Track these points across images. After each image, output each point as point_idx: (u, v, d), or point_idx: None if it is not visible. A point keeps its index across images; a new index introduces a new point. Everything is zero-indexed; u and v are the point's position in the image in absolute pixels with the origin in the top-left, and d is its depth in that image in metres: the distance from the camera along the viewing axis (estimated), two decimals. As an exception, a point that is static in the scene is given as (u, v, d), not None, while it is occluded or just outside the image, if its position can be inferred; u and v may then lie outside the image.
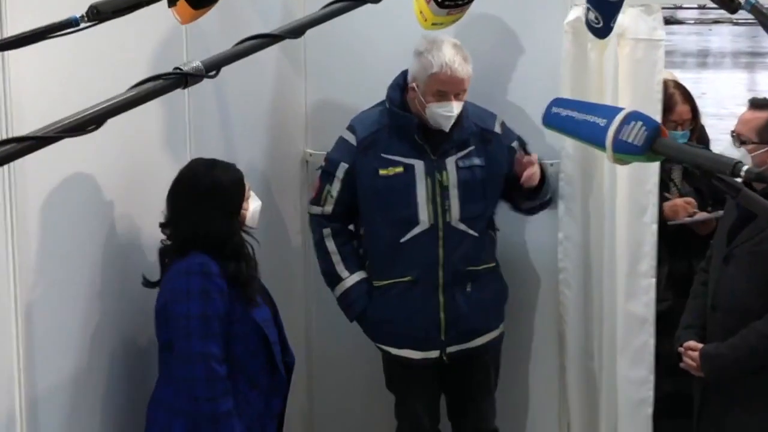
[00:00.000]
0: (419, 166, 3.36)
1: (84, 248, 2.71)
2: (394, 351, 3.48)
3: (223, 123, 3.41)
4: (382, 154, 3.37)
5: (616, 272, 3.51)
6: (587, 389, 3.67)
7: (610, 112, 1.46)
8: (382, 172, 3.36)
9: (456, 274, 3.38)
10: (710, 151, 1.34)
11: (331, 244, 3.43)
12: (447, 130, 3.34)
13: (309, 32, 4.06)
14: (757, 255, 3.05)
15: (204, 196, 2.79)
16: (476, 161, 3.40)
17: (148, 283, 2.88)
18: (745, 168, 1.30)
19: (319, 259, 3.49)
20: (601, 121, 1.46)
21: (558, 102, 1.58)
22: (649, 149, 1.39)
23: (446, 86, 3.29)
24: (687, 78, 6.39)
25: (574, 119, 1.52)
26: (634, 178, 3.48)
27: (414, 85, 3.33)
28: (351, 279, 3.43)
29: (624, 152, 1.42)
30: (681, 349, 3.17)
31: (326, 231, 3.43)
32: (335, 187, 3.41)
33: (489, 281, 3.47)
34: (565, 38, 3.53)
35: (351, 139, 3.41)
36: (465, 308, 3.39)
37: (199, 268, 2.73)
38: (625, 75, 3.49)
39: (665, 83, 3.54)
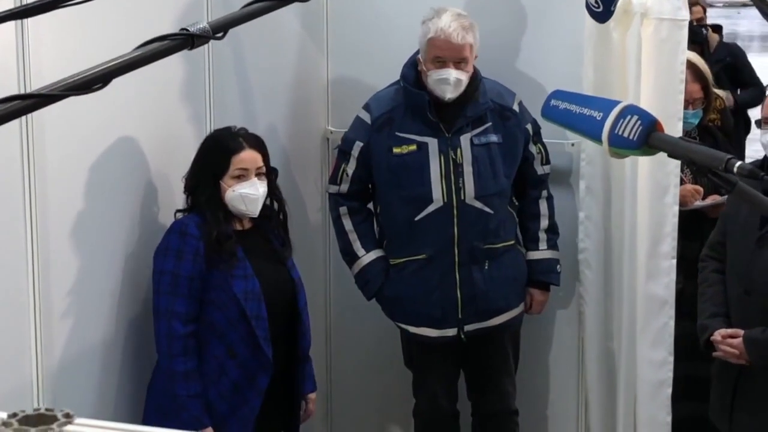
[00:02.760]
0: (433, 143, 3.35)
1: (104, 219, 2.73)
2: (412, 329, 3.48)
3: (244, 100, 3.42)
4: (396, 132, 3.36)
5: (637, 253, 3.48)
6: (606, 370, 3.66)
7: (607, 105, 1.47)
8: (395, 150, 3.35)
9: (473, 252, 3.37)
10: (703, 146, 1.33)
11: (348, 223, 3.44)
12: (446, 98, 3.32)
13: (331, 9, 4.08)
14: None
15: (198, 152, 2.92)
16: (493, 138, 3.39)
17: None
18: (738, 164, 1.31)
19: (338, 238, 3.52)
20: (598, 115, 1.46)
21: (557, 94, 1.58)
22: (644, 144, 1.40)
23: (443, 52, 3.29)
24: (715, 61, 6.39)
25: (572, 112, 1.52)
26: (656, 158, 3.44)
27: (419, 57, 3.35)
28: (367, 257, 3.43)
29: (619, 146, 1.43)
30: (716, 338, 3.08)
31: (343, 209, 3.45)
32: (351, 166, 3.42)
33: (508, 259, 3.45)
34: (588, 17, 3.50)
35: (366, 117, 3.41)
36: (482, 286, 3.38)
37: (178, 227, 2.83)
38: (648, 55, 3.44)
39: None
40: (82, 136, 2.62)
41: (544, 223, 3.55)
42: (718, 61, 5.88)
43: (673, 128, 3.43)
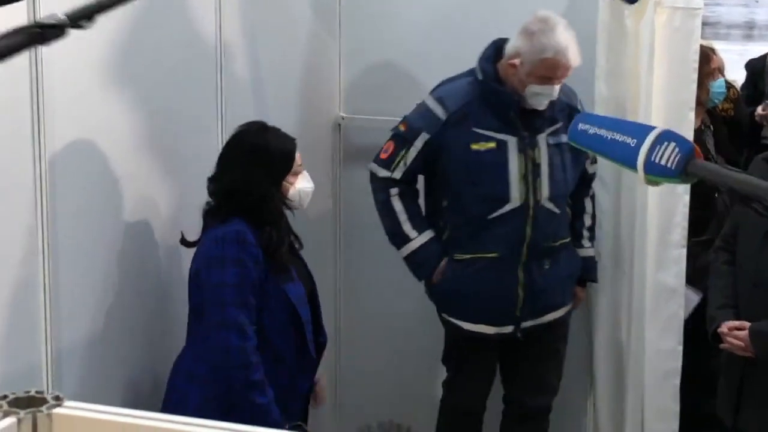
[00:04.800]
0: (512, 142, 3.26)
1: (113, 207, 2.74)
2: (467, 326, 3.39)
3: (255, 86, 3.42)
4: (474, 129, 3.25)
5: (647, 242, 3.49)
6: (615, 359, 3.66)
7: (640, 130, 1.40)
8: (474, 146, 3.25)
9: (538, 251, 3.33)
10: (745, 174, 1.29)
11: (398, 204, 3.33)
12: (539, 108, 3.26)
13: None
14: None
15: (249, 154, 2.79)
16: (563, 138, 3.29)
17: (185, 242, 2.89)
18: None
19: (385, 219, 3.39)
20: (631, 141, 1.39)
21: (585, 118, 1.51)
22: (683, 172, 1.33)
23: (555, 72, 3.19)
24: (732, 50, 6.28)
25: (603, 138, 1.44)
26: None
27: (517, 61, 3.21)
28: (420, 239, 3.33)
29: (656, 174, 1.36)
30: (723, 330, 3.08)
31: (394, 191, 3.33)
32: (411, 155, 3.30)
33: (565, 257, 3.41)
34: (601, 5, 3.50)
35: (439, 111, 3.28)
36: (542, 284, 3.34)
37: (235, 236, 2.72)
38: (661, 43, 3.44)
39: None
40: (93, 124, 2.62)
41: (588, 221, 3.52)
42: None
43: (685, 117, 3.42)
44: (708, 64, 3.50)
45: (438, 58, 3.75)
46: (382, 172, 3.35)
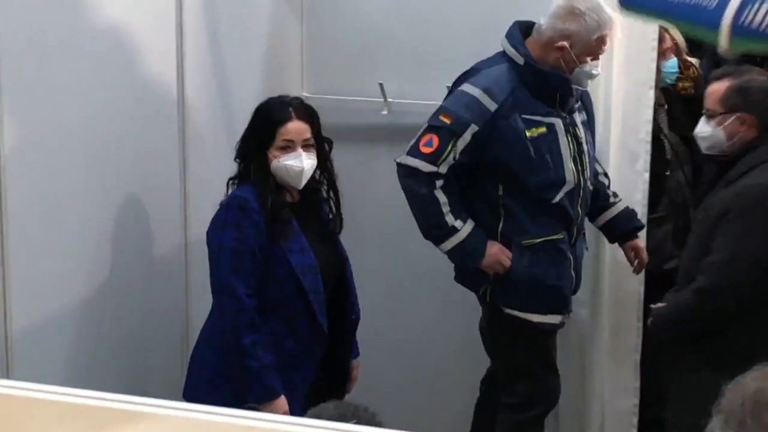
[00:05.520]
0: (558, 124, 3.23)
1: (76, 188, 2.73)
2: (536, 318, 3.29)
3: (216, 67, 3.41)
4: (523, 115, 3.19)
5: (608, 219, 3.52)
6: (577, 336, 3.70)
7: None
8: (528, 133, 3.19)
9: (580, 231, 3.34)
10: None
11: (442, 196, 3.19)
12: (586, 88, 3.28)
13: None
14: (699, 221, 3.07)
15: (251, 120, 2.94)
16: (584, 116, 3.34)
17: None
18: None
19: (424, 214, 3.24)
20: (709, 3, 1.28)
21: None
22: None
23: (606, 47, 3.21)
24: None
25: (668, 1, 1.32)
26: (627, 126, 3.48)
27: (566, 43, 3.15)
28: (466, 227, 3.22)
29: (747, 38, 1.24)
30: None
31: (439, 182, 3.18)
32: (459, 148, 3.17)
33: (583, 235, 3.42)
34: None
35: (488, 102, 3.17)
36: (579, 266, 3.36)
37: (237, 201, 2.81)
38: (621, 22, 3.45)
39: None
40: (56, 102, 2.62)
41: (606, 180, 3.50)
42: None
43: (645, 95, 3.46)
44: (661, 43, 3.53)
45: (401, 38, 3.76)
46: (428, 167, 3.18)
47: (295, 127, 2.88)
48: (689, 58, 3.86)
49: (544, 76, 3.20)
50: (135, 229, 3.02)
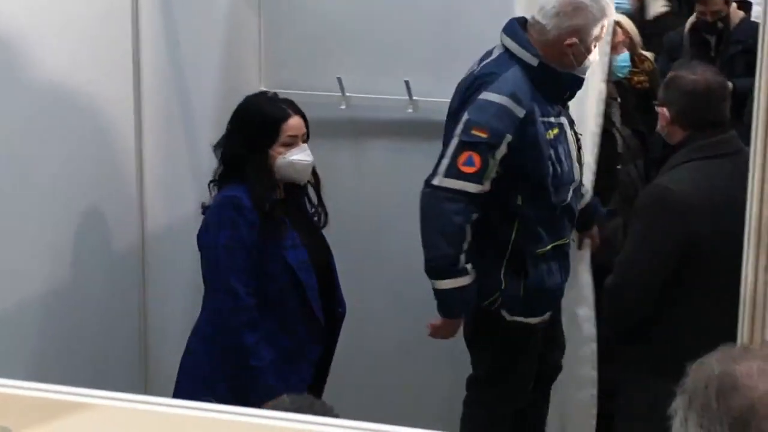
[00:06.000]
0: (564, 123, 3.17)
1: (36, 181, 2.72)
2: (533, 321, 3.21)
3: (173, 61, 3.40)
4: (541, 118, 3.09)
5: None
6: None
7: None
8: (547, 136, 3.09)
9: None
10: None
11: (469, 233, 3.03)
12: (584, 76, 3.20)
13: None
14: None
15: (235, 120, 2.89)
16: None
17: (205, 211, 2.95)
18: None
19: (442, 244, 3.04)
20: None
21: None
22: None
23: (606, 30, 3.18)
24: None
25: None
26: (577, 118, 3.52)
27: (574, 39, 3.06)
28: (471, 276, 3.08)
29: None
30: None
31: (474, 216, 3.02)
32: (497, 161, 3.02)
33: None
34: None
35: (516, 109, 3.03)
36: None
37: (230, 200, 2.79)
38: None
39: None
40: (10, 94, 2.60)
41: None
42: (738, 41, 5.08)
43: (596, 88, 3.48)
44: (613, 37, 3.56)
45: (360, 32, 3.76)
46: (475, 188, 3.00)
47: (296, 122, 2.89)
48: (644, 53, 3.91)
49: (558, 77, 3.11)
50: (92, 226, 3.01)
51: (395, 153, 3.69)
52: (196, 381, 2.84)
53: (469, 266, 3.05)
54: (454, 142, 3.02)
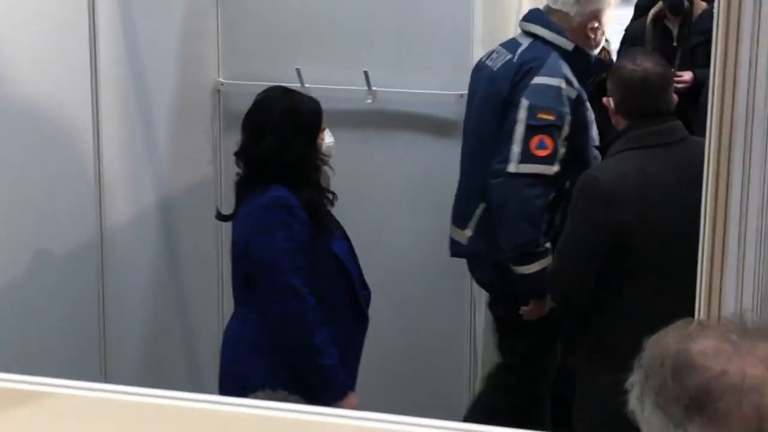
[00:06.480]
0: (588, 104, 3.26)
1: None
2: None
3: (130, 51, 3.36)
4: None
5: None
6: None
7: None
8: (589, 118, 3.23)
9: None
10: None
11: (546, 214, 3.11)
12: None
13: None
14: None
15: (283, 118, 2.79)
16: None
17: (221, 217, 2.89)
18: None
19: (527, 228, 3.10)
20: None
21: None
22: None
23: None
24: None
25: None
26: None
27: (596, 23, 3.21)
28: (550, 255, 3.11)
29: None
30: None
31: (551, 197, 3.11)
32: (564, 141, 3.11)
33: None
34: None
35: (569, 91, 3.15)
36: None
37: (279, 201, 2.73)
38: (529, 5, 3.52)
39: None
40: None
41: None
42: (701, 32, 5.01)
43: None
44: None
45: (319, 23, 3.75)
46: (551, 169, 3.09)
47: None
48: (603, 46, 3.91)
49: (588, 60, 3.22)
50: (50, 225, 2.98)
51: (355, 143, 3.67)
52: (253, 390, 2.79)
53: (548, 245, 3.10)
54: (520, 128, 3.08)
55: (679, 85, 4.04)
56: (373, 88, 3.66)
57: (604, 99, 2.97)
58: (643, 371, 1.24)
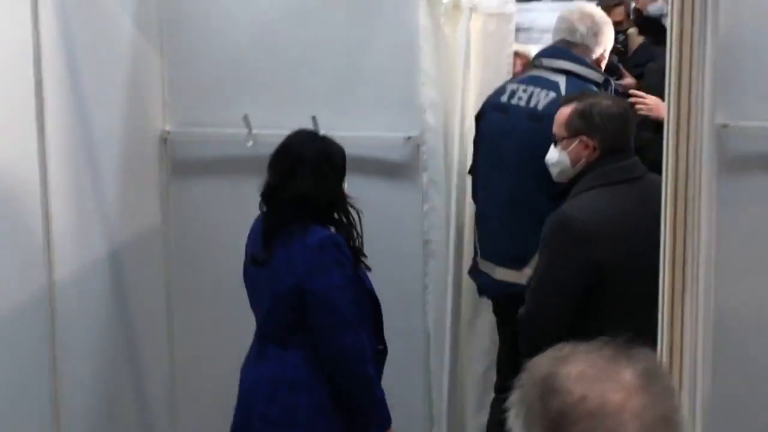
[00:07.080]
0: None
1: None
2: None
3: (76, 101, 3.31)
4: None
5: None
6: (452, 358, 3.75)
7: None
8: None
9: None
10: None
11: None
12: None
13: (164, 9, 3.96)
14: None
15: (317, 162, 2.89)
16: None
17: (258, 262, 2.91)
18: None
19: None
20: None
21: None
22: None
23: None
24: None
25: None
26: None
27: (605, 56, 3.50)
28: None
29: None
30: None
31: None
32: None
33: None
34: (420, 12, 3.57)
35: None
36: None
37: (330, 240, 2.83)
38: (476, 48, 3.57)
39: None
40: None
41: None
42: (637, 65, 5.46)
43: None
44: (513, 67, 3.67)
45: (264, 68, 3.75)
46: None
47: None
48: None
49: (612, 91, 3.40)
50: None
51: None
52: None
53: None
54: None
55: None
56: (322, 133, 3.66)
57: None
58: (519, 391, 1.25)
